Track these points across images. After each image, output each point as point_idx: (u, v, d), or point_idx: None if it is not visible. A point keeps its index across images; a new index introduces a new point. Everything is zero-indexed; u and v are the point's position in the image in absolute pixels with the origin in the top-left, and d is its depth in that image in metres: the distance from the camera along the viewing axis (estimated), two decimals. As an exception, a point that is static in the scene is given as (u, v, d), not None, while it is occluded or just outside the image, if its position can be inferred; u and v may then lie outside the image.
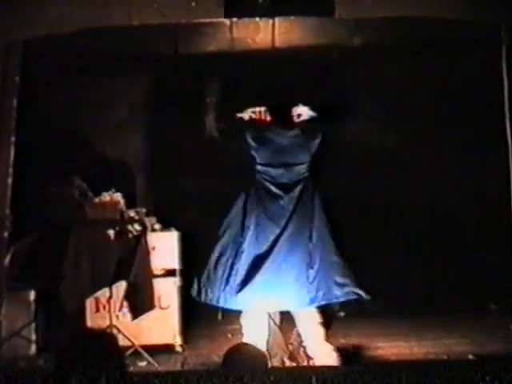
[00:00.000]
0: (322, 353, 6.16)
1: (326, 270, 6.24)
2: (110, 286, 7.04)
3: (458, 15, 7.40)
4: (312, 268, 6.20)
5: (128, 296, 7.11)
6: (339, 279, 6.27)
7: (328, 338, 6.32)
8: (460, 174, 8.60)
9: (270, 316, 6.33)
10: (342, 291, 6.24)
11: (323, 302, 6.25)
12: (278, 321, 6.40)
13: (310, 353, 6.18)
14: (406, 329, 7.69)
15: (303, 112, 6.83)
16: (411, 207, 8.67)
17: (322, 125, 6.88)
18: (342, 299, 6.31)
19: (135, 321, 7.10)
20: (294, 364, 6.16)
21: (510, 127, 7.48)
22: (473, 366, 4.34)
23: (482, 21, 7.55)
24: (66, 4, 7.14)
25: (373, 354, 6.89)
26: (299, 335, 6.28)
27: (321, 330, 6.27)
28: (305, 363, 6.12)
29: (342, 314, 7.61)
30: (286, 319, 6.50)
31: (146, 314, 7.08)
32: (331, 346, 6.22)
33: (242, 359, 5.30)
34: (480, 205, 8.54)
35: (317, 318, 6.30)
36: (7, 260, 7.15)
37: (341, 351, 6.32)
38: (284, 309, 6.28)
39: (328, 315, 6.82)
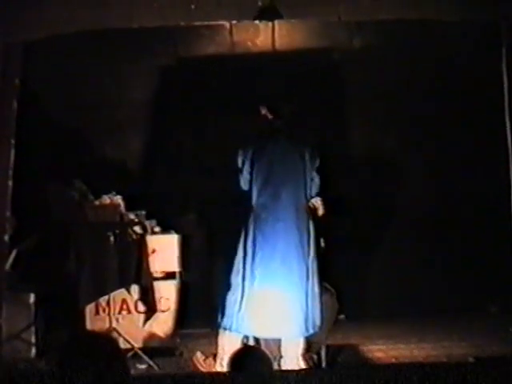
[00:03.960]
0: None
1: (313, 301, 6.22)
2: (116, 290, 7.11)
3: (458, 16, 7.38)
4: (307, 298, 6.18)
5: (141, 299, 7.20)
6: (319, 309, 6.25)
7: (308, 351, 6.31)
8: (460, 174, 8.62)
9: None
10: (320, 322, 6.23)
11: (312, 331, 6.22)
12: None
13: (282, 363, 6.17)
14: (405, 331, 7.71)
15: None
16: (411, 207, 8.68)
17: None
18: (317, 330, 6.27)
19: (137, 323, 7.18)
20: None
21: (510, 127, 7.46)
22: (473, 369, 4.35)
23: (481, 21, 7.54)
24: (66, 5, 7.12)
25: (373, 356, 6.89)
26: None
27: (301, 342, 6.24)
28: None
29: (342, 316, 7.61)
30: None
31: (145, 316, 7.14)
32: (302, 361, 6.21)
33: (247, 362, 5.33)
34: (480, 205, 8.55)
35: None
36: (8, 262, 7.16)
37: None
38: (280, 336, 6.24)
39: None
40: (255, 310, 6.12)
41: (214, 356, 6.30)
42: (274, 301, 6.11)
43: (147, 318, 7.24)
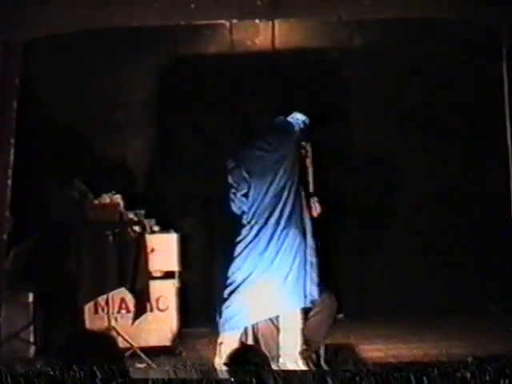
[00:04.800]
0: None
1: (308, 271, 6.21)
2: (115, 289, 7.10)
3: (458, 16, 7.40)
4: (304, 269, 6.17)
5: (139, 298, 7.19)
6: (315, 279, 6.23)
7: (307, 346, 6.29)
8: (460, 173, 8.62)
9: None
10: (318, 291, 6.22)
11: (309, 304, 6.22)
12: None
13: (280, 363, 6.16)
14: (405, 330, 7.71)
15: None
16: (411, 207, 8.68)
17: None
18: (317, 298, 6.25)
19: (134, 323, 7.17)
20: None
21: (510, 127, 7.48)
22: (472, 368, 4.36)
23: (481, 21, 7.55)
24: (65, 5, 7.14)
25: (372, 355, 6.88)
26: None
27: (298, 339, 6.24)
28: None
29: (341, 315, 7.59)
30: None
31: (145, 315, 7.13)
32: (301, 360, 6.20)
33: (245, 361, 5.33)
34: (480, 205, 8.54)
35: (299, 323, 6.26)
36: (7, 261, 7.16)
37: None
38: (278, 313, 6.24)
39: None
40: (247, 298, 6.12)
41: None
42: (264, 284, 6.11)
43: (137, 317, 7.21)
